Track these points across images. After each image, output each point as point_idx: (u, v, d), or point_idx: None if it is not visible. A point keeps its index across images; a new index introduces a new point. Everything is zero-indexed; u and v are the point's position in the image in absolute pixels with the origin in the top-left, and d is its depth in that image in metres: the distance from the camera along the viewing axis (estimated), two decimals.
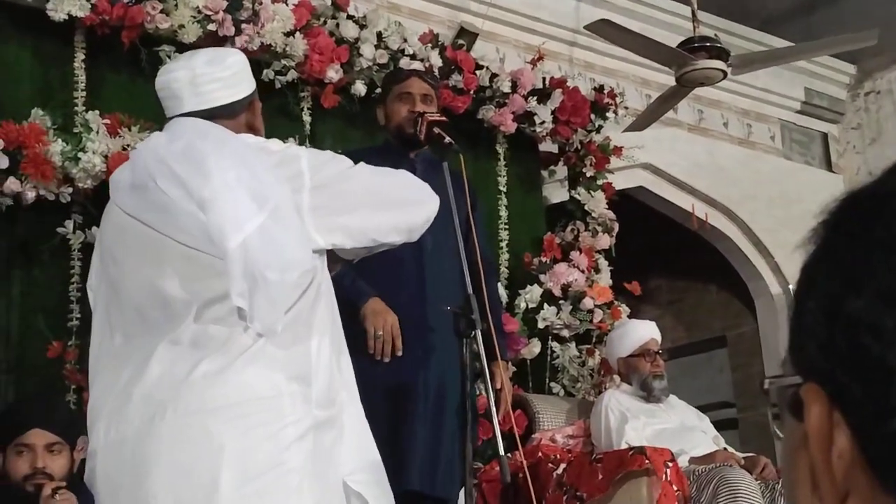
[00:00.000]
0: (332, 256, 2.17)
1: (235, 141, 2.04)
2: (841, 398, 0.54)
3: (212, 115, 2.11)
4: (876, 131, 6.71)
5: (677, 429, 4.00)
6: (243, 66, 2.22)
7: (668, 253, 6.99)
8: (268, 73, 4.07)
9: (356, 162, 3.08)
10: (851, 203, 0.56)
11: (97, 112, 3.65)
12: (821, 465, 0.55)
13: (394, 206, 2.16)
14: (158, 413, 1.91)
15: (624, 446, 3.71)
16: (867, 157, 6.72)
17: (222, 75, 2.16)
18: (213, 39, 3.93)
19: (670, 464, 3.45)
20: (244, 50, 3.97)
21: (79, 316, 3.54)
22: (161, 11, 3.77)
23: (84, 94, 3.76)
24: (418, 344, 3.01)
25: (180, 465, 1.89)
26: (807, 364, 0.56)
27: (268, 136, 4.00)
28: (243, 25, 3.95)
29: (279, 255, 1.88)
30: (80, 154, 3.52)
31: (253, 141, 2.10)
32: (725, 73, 4.71)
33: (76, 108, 3.72)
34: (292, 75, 4.11)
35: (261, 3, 4.00)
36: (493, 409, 2.56)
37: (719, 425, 4.63)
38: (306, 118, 4.21)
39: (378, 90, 4.07)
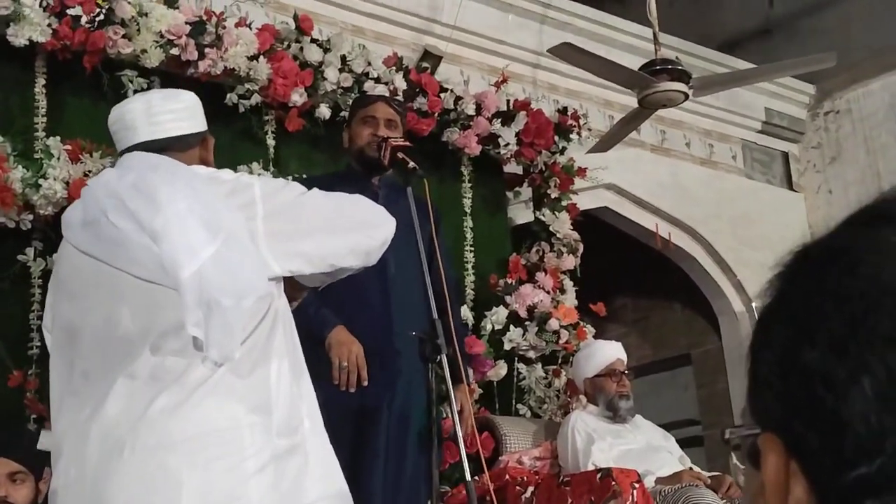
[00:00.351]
0: (297, 284, 2.16)
1: (186, 172, 2.03)
2: (798, 448, 0.55)
3: (164, 146, 2.11)
4: (836, 150, 6.80)
5: (643, 449, 4.01)
6: (197, 104, 2.23)
7: (632, 272, 7.03)
8: (231, 97, 4.06)
9: (321, 188, 3.08)
10: (804, 256, 0.57)
11: (58, 138, 3.62)
12: None
13: (349, 229, 2.15)
14: (116, 450, 1.88)
15: (591, 467, 3.72)
16: (827, 176, 6.81)
17: (176, 107, 2.17)
18: (175, 64, 3.92)
19: (637, 485, 3.46)
20: (207, 75, 3.97)
21: (38, 344, 3.50)
22: (123, 36, 3.75)
23: (45, 119, 3.73)
24: (383, 368, 3.01)
25: (138, 502, 1.86)
26: (764, 414, 0.57)
27: (232, 161, 4.01)
28: (206, 50, 3.94)
29: (234, 281, 1.87)
30: (40, 181, 3.49)
31: (204, 171, 2.09)
32: (687, 95, 4.75)
33: (36, 133, 3.69)
34: (256, 99, 4.10)
35: (224, 28, 3.99)
36: (459, 432, 2.56)
37: (685, 443, 4.66)
38: (270, 142, 4.20)
39: (343, 113, 4.08)
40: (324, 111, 4.25)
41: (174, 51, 3.87)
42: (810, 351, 0.54)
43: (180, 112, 2.16)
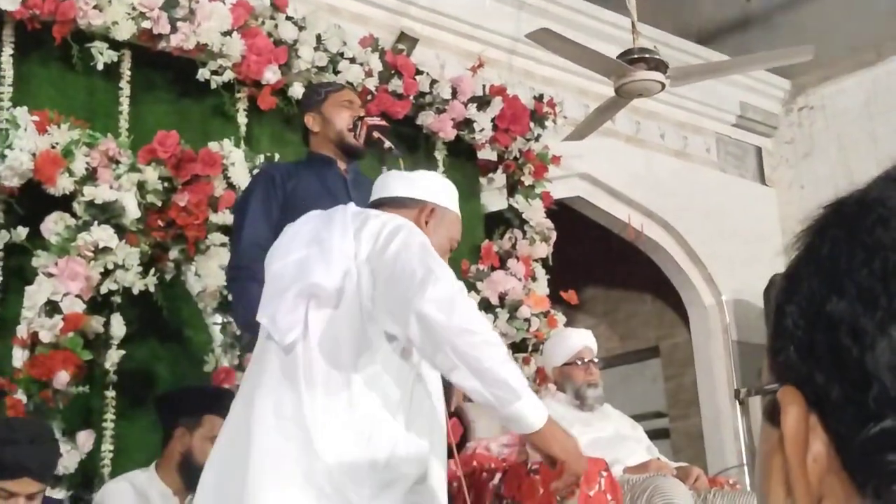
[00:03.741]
0: None
1: (345, 208, 2.26)
2: (818, 401, 0.54)
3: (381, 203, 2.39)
4: (809, 146, 6.84)
5: (612, 438, 4.00)
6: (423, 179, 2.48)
7: (604, 263, 7.04)
8: (203, 73, 4.01)
9: (286, 175, 3.08)
10: (837, 209, 0.56)
11: (25, 108, 3.55)
12: (795, 469, 0.54)
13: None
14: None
15: None
16: (800, 171, 6.84)
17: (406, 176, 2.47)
18: (147, 37, 3.87)
19: (605, 473, 3.45)
20: (179, 49, 3.91)
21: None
22: (94, 7, 3.69)
23: (11, 89, 3.66)
24: None
25: None
26: (785, 367, 0.56)
27: (203, 137, 3.96)
28: (179, 23, 3.88)
29: (303, 278, 2.07)
30: (6, 151, 3.42)
31: (356, 211, 2.25)
32: (664, 85, 4.75)
33: (2, 103, 3.62)
34: (229, 76, 4.05)
35: (197, 2, 3.93)
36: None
37: (652, 434, 4.66)
38: (242, 119, 4.15)
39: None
40: (297, 90, 4.21)
41: (146, 24, 3.82)
42: (838, 301, 0.53)
43: (410, 180, 2.45)
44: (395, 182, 2.42)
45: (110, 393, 3.60)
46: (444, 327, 1.95)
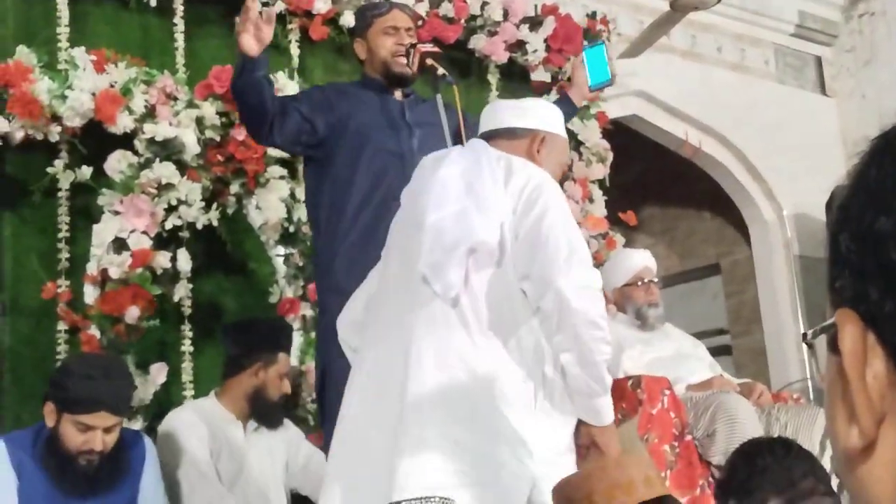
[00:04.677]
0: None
1: (487, 152, 2.33)
2: (874, 318, 0.56)
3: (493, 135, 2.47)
4: (870, 53, 6.67)
5: (673, 356, 4.02)
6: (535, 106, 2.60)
7: (661, 182, 6.99)
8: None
9: (341, 94, 3.07)
10: (881, 139, 0.58)
11: (83, 48, 3.60)
12: (857, 389, 0.56)
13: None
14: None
15: (621, 375, 3.74)
16: (860, 80, 6.69)
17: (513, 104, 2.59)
18: None
19: (667, 391, 3.49)
20: None
21: (68, 256, 3.54)
22: None
23: (67, 30, 3.70)
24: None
25: None
26: (841, 292, 0.57)
27: None
28: None
29: (465, 234, 2.14)
30: (66, 92, 3.48)
31: (497, 155, 2.34)
32: None
33: (59, 44, 3.67)
34: (280, 7, 4.05)
35: None
36: None
37: (714, 352, 4.67)
38: (294, 51, 4.16)
39: None
40: (348, 18, 4.19)
41: None
42: (885, 220, 0.55)
43: (519, 109, 2.52)
44: (504, 112, 2.50)
45: (185, 326, 3.70)
46: (577, 313, 2.11)
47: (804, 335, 0.62)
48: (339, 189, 3.00)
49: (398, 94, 3.15)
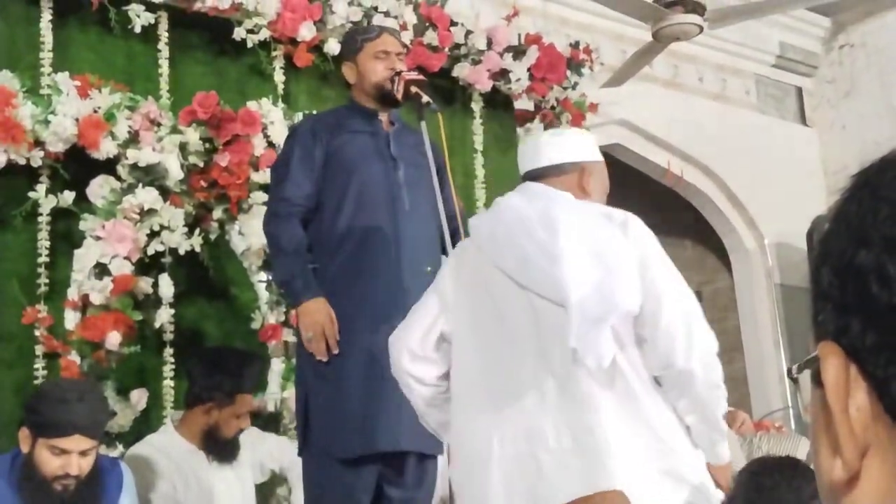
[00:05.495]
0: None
1: (581, 207, 2.36)
2: (856, 351, 0.56)
3: (542, 174, 2.47)
4: (850, 84, 6.74)
5: None
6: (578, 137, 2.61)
7: (643, 210, 6.98)
8: (239, 32, 4.02)
9: (328, 123, 3.06)
10: (861, 175, 0.59)
11: (66, 73, 3.60)
12: (840, 421, 0.57)
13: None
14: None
15: None
16: (841, 111, 6.76)
17: (556, 139, 2.56)
18: None
19: None
20: (215, 9, 3.93)
21: (47, 281, 3.53)
22: None
23: (51, 55, 3.70)
24: (396, 308, 3.00)
25: None
26: (824, 327, 0.58)
27: (241, 97, 3.99)
28: None
29: (609, 304, 2.17)
30: (49, 117, 3.48)
31: (596, 209, 2.39)
32: (702, 28, 4.70)
33: (43, 69, 3.67)
34: (264, 34, 4.06)
35: None
36: None
37: None
38: (279, 78, 4.17)
39: None
40: (333, 46, 4.21)
41: None
42: (866, 253, 0.56)
43: (561, 144, 2.52)
44: (546, 149, 2.51)
45: (167, 352, 3.68)
46: (701, 382, 2.22)
47: (789, 370, 0.63)
48: (324, 220, 3.01)
49: (385, 120, 3.15)
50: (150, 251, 3.60)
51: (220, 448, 3.34)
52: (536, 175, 2.48)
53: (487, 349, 2.33)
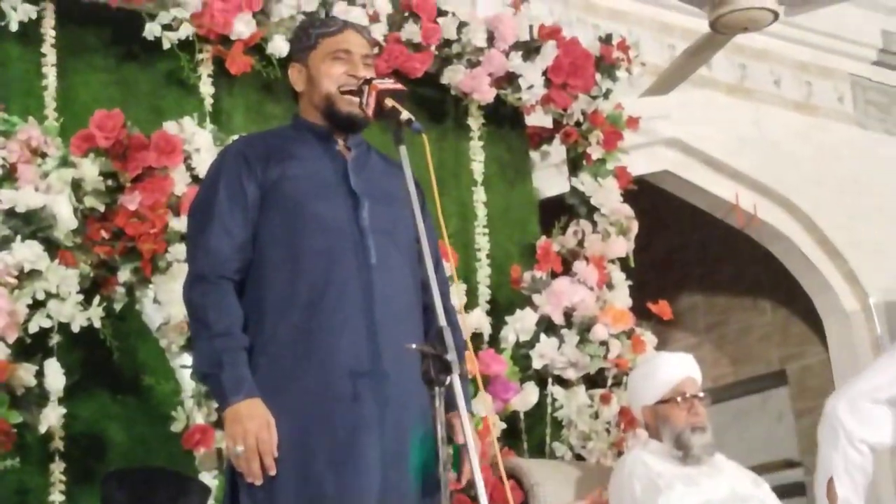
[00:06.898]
0: None
1: None
2: None
3: None
4: None
5: (727, 499, 4.02)
6: None
7: (704, 260, 7.03)
8: (152, 29, 4.05)
9: (265, 149, 3.08)
10: None
11: None
12: None
13: None
14: None
15: None
16: None
17: None
18: None
19: None
20: None
21: None
22: None
23: None
24: (369, 399, 2.98)
25: None
26: None
27: (156, 115, 4.00)
28: None
29: None
30: None
31: None
32: (777, 14, 4.75)
33: None
34: (186, 30, 4.08)
35: None
36: (480, 483, 2.56)
37: (781, 492, 4.66)
38: (206, 89, 4.19)
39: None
40: (279, 45, 4.24)
41: None
42: None
43: None
44: None
45: (55, 466, 3.65)
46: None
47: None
48: (260, 280, 2.98)
49: (341, 144, 3.13)
50: (33, 328, 3.58)
51: None
52: None
53: None
